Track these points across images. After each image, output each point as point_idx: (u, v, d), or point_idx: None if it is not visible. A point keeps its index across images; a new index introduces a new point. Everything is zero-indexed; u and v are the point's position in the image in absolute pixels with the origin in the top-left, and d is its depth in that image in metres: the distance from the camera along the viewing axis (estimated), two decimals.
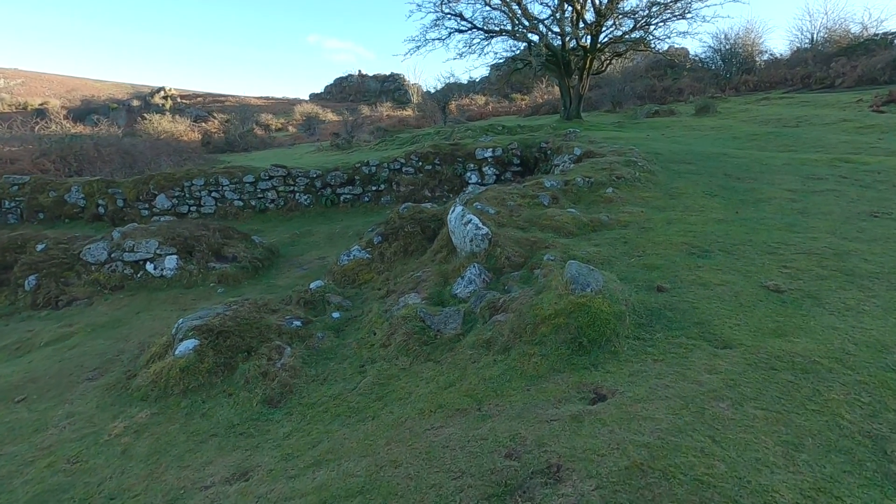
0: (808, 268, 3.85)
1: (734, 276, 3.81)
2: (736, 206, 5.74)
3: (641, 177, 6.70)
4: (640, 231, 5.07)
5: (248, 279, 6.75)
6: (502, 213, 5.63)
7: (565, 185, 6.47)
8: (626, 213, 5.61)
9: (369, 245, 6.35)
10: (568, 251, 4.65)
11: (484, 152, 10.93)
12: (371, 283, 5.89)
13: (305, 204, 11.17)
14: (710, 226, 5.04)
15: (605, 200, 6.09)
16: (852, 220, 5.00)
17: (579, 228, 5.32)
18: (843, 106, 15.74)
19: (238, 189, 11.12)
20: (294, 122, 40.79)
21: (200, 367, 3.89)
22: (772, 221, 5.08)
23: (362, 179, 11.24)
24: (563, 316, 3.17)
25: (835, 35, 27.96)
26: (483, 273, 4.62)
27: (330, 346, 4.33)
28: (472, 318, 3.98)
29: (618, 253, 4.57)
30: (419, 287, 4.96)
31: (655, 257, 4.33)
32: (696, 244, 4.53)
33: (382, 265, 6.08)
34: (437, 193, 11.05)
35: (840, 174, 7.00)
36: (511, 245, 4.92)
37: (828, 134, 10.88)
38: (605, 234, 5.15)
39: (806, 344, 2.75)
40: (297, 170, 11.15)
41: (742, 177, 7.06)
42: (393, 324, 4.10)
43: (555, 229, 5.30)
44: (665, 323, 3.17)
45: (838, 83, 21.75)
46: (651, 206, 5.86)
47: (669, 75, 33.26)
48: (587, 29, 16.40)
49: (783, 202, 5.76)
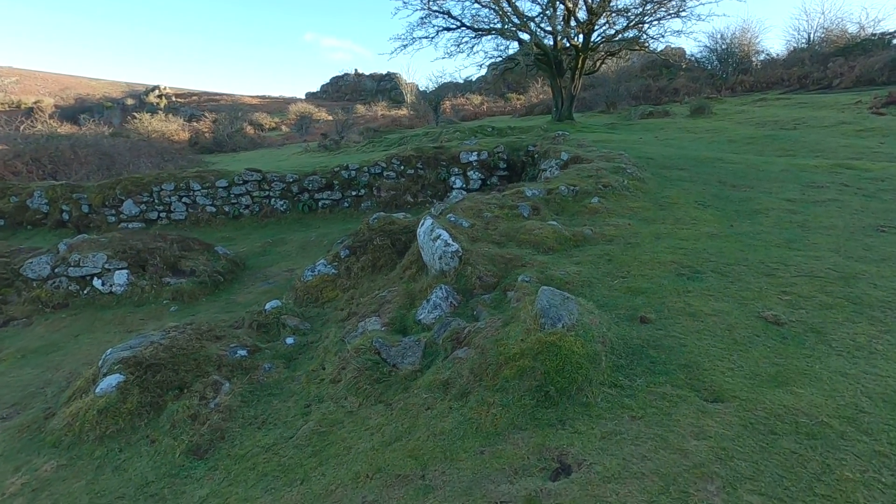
0: (810, 294, 3.44)
1: (728, 303, 3.39)
2: (730, 218, 5.34)
3: (630, 185, 6.29)
4: (625, 247, 4.65)
5: (206, 295, 6.28)
6: (477, 227, 5.20)
7: (548, 194, 6.05)
8: (612, 226, 5.19)
9: (336, 259, 5.91)
10: (546, 271, 4.23)
11: (469, 156, 10.51)
12: (335, 301, 5.45)
13: (281, 210, 10.70)
14: (702, 241, 4.63)
15: (589, 211, 5.67)
16: (857, 236, 4.60)
17: (560, 243, 4.89)
18: (841, 107, 15.43)
19: (210, 194, 10.64)
20: (287, 122, 40.51)
21: (122, 409, 3.44)
22: (769, 237, 4.67)
23: (341, 184, 10.78)
24: (529, 357, 2.74)
25: (832, 35, 27.75)
26: (451, 296, 4.19)
27: (277, 380, 3.88)
28: (433, 351, 3.55)
29: (600, 273, 4.14)
30: (382, 309, 4.52)
31: (641, 279, 3.92)
32: (687, 263, 4.12)
33: (349, 282, 5.64)
34: (419, 199, 10.62)
35: (841, 182, 6.61)
36: (484, 263, 4.50)
37: (827, 137, 10.53)
38: (587, 249, 4.73)
39: (811, 397, 2.34)
40: (272, 174, 10.69)
41: (737, 184, 6.66)
42: (344, 357, 3.66)
43: (534, 244, 4.88)
44: (647, 365, 2.75)
45: (836, 84, 21.49)
46: (639, 217, 5.45)
47: (665, 75, 32.99)
48: (579, 27, 16.01)
49: (781, 214, 5.36)
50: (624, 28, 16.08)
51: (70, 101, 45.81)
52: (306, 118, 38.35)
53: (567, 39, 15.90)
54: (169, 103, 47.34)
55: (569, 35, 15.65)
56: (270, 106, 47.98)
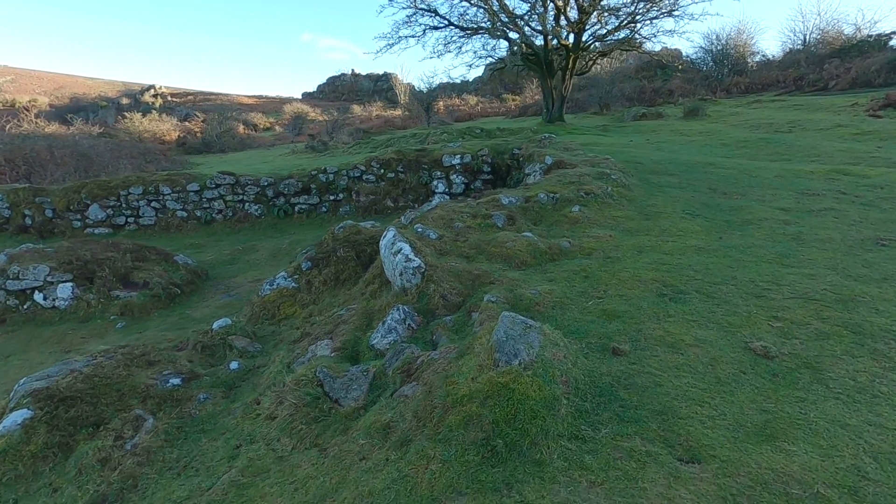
0: (804, 320, 3.08)
1: (712, 331, 3.03)
2: (720, 229, 4.98)
3: (614, 192, 5.93)
4: (604, 262, 4.28)
5: (158, 309, 5.87)
6: (446, 238, 4.83)
7: (526, 202, 5.68)
8: (592, 238, 4.83)
9: (297, 271, 5.51)
10: (515, 289, 3.86)
11: (451, 159, 10.14)
12: (293, 319, 5.06)
13: (256, 215, 10.29)
14: (687, 256, 4.27)
15: (569, 221, 5.31)
16: (856, 250, 4.25)
17: (535, 257, 4.52)
18: (837, 110, 15.18)
19: (181, 198, 10.22)
20: (282, 122, 40.32)
21: (24, 451, 3.03)
22: (761, 251, 4.32)
23: (319, 188, 10.39)
24: (477, 402, 2.36)
25: (828, 36, 27.61)
26: (410, 317, 3.80)
27: (211, 413, 3.49)
28: (381, 384, 3.17)
29: (574, 292, 3.77)
30: (337, 331, 4.14)
31: (618, 300, 3.55)
32: (670, 282, 3.76)
33: (309, 297, 5.25)
34: (400, 203, 10.24)
35: (838, 189, 6.28)
36: (449, 280, 4.12)
37: (823, 141, 10.22)
38: (564, 264, 4.36)
39: (805, 457, 1.97)
40: (246, 177, 10.28)
41: (729, 192, 6.32)
42: (283, 390, 3.26)
43: (505, 258, 4.51)
44: (616, 410, 2.37)
45: (832, 85, 21.29)
46: (622, 228, 5.09)
47: (660, 76, 32.78)
48: (570, 27, 15.68)
49: (775, 225, 5.01)
50: (615, 28, 15.77)
51: (64, 101, 45.87)
52: (300, 118, 38.04)
53: (557, 39, 15.57)
54: (164, 103, 47.47)
55: (559, 34, 15.32)
56: (266, 106, 48.07)
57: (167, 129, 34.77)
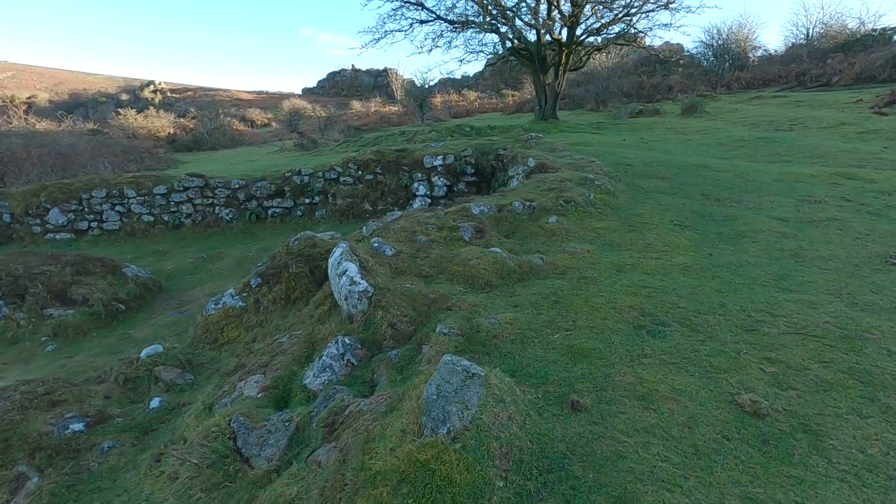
0: (803, 363, 2.62)
1: (693, 377, 2.56)
2: (711, 243, 4.51)
3: (597, 200, 5.45)
4: (578, 283, 3.81)
5: (98, 329, 5.40)
6: (404, 255, 4.35)
7: (499, 211, 5.20)
8: (568, 254, 4.36)
9: (246, 288, 5.04)
10: (473, 317, 3.40)
11: (433, 160, 9.65)
12: (236, 343, 4.59)
13: (227, 219, 9.81)
14: (672, 277, 3.80)
15: (545, 233, 4.83)
16: (863, 270, 3.77)
17: (501, 277, 4.05)
18: (841, 106, 14.68)
19: (148, 202, 9.73)
20: (279, 118, 40.14)
21: None
22: (755, 271, 3.84)
23: (293, 190, 9.90)
24: (390, 485, 1.90)
25: (831, 30, 27.12)
26: (350, 351, 3.33)
27: (113, 467, 3.02)
28: (303, 438, 2.71)
29: (540, 322, 3.31)
30: (273, 363, 3.67)
31: (588, 333, 3.08)
32: (649, 310, 3.29)
33: (256, 318, 4.78)
34: (379, 207, 9.76)
35: (842, 195, 5.81)
36: (401, 306, 3.65)
37: (825, 140, 9.73)
38: (533, 286, 3.89)
39: None
40: (216, 179, 9.79)
41: (723, 198, 5.84)
42: (188, 445, 2.80)
43: (469, 279, 4.04)
44: (565, 495, 1.91)
45: (835, 81, 20.78)
46: (602, 241, 4.61)
47: (659, 72, 32.24)
48: (563, 20, 15.15)
49: (771, 238, 4.54)
50: (610, 21, 15.24)
51: (64, 97, 46.09)
52: (298, 114, 37.62)
53: (549, 33, 15.04)
54: (164, 99, 47.86)
55: (551, 28, 14.79)
56: (266, 102, 48.29)
57: (161, 126, 34.69)
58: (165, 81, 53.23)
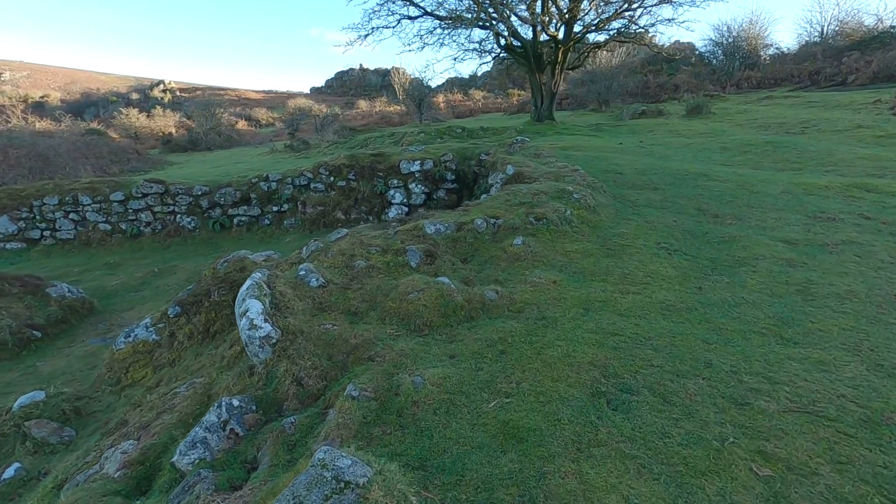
0: (809, 463, 1.94)
1: (657, 485, 1.90)
2: (702, 272, 3.81)
3: (575, 216, 4.77)
4: (535, 327, 3.15)
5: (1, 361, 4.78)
6: (333, 286, 3.70)
7: (458, 229, 4.54)
8: (530, 286, 3.68)
9: (163, 319, 4.40)
10: (396, 373, 2.76)
11: (410, 165, 8.99)
12: (140, 386, 3.95)
13: (189, 228, 9.21)
14: (649, 320, 3.12)
15: (508, 258, 4.16)
16: (888, 315, 3.07)
17: (445, 315, 3.39)
18: (857, 108, 13.87)
19: (104, 209, 9.16)
20: (284, 118, 40.24)
21: None
22: (753, 313, 3.15)
23: (260, 198, 9.29)
24: None
25: (847, 28, 26.21)
26: (237, 418, 2.69)
27: None
28: None
29: (476, 382, 2.65)
30: (153, 425, 3.03)
31: (531, 403, 2.43)
32: (614, 370, 2.62)
33: (169, 354, 4.14)
34: (352, 216, 9.12)
35: (860, 211, 5.09)
36: (314, 355, 3.01)
37: (840, 145, 8.98)
38: (480, 328, 3.23)
39: None
40: (177, 186, 9.19)
41: (721, 214, 5.14)
42: None
43: (404, 318, 3.38)
44: None
45: (851, 80, 19.93)
46: (573, 269, 3.93)
47: (665, 71, 31.43)
48: (560, 16, 14.45)
49: (775, 267, 3.84)
50: (610, 17, 14.50)
51: (75, 96, 47.26)
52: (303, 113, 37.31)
53: (544, 28, 14.34)
54: (173, 98, 48.74)
55: (545, 23, 14.08)
56: (274, 101, 49.12)
57: (164, 126, 34.88)
58: (176, 81, 54.40)
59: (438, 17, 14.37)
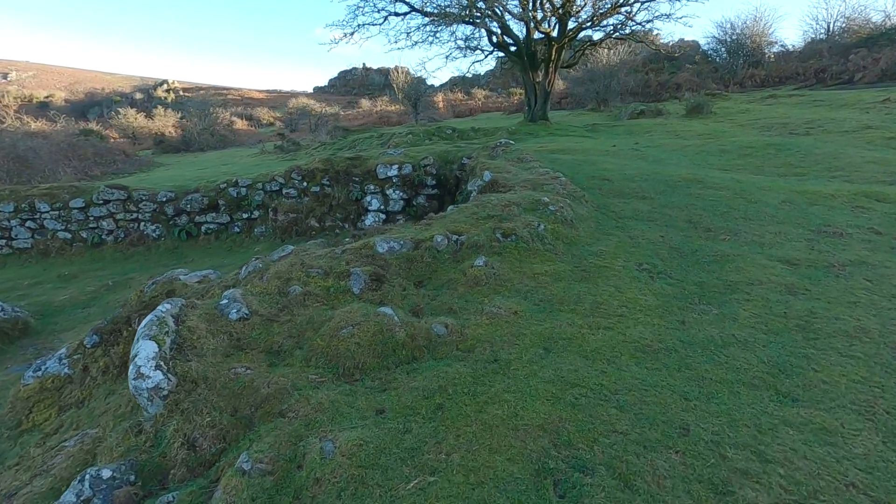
0: None
1: None
2: (687, 301, 3.31)
3: (549, 231, 4.27)
4: (483, 373, 2.66)
5: None
6: (257, 318, 3.21)
7: (415, 248, 4.05)
8: (487, 318, 3.19)
9: (80, 349, 3.92)
10: (304, 436, 2.32)
11: (388, 170, 8.51)
12: (40, 430, 3.47)
13: (154, 236, 8.75)
14: (618, 366, 2.62)
15: (467, 282, 3.67)
16: None
17: (381, 356, 2.91)
18: (865, 107, 13.33)
19: (63, 217, 8.70)
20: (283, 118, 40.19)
21: None
22: (743, 357, 2.66)
23: (229, 204, 8.81)
24: None
25: (854, 24, 25.67)
26: (103, 496, 2.21)
27: None
28: None
29: (399, 451, 2.18)
30: (21, 494, 2.54)
31: (458, 486, 1.97)
32: (567, 436, 2.15)
33: (80, 392, 3.66)
34: (326, 223, 8.64)
35: (870, 225, 4.58)
36: (214, 409, 2.54)
37: (847, 147, 8.46)
38: (420, 373, 2.75)
39: None
40: (140, 192, 8.73)
41: (715, 227, 4.64)
42: None
43: (332, 359, 2.90)
44: None
45: (858, 78, 19.39)
46: (539, 297, 3.44)
47: (667, 69, 30.89)
48: (554, 12, 13.94)
49: (773, 294, 3.34)
50: (606, 12, 13.98)
51: (79, 96, 47.92)
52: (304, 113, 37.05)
53: (536, 25, 13.83)
54: (176, 98, 49.08)
55: (536, 20, 13.58)
56: (276, 100, 49.63)
57: (162, 126, 35.05)
58: (180, 81, 54.53)
59: (426, 13, 13.88)
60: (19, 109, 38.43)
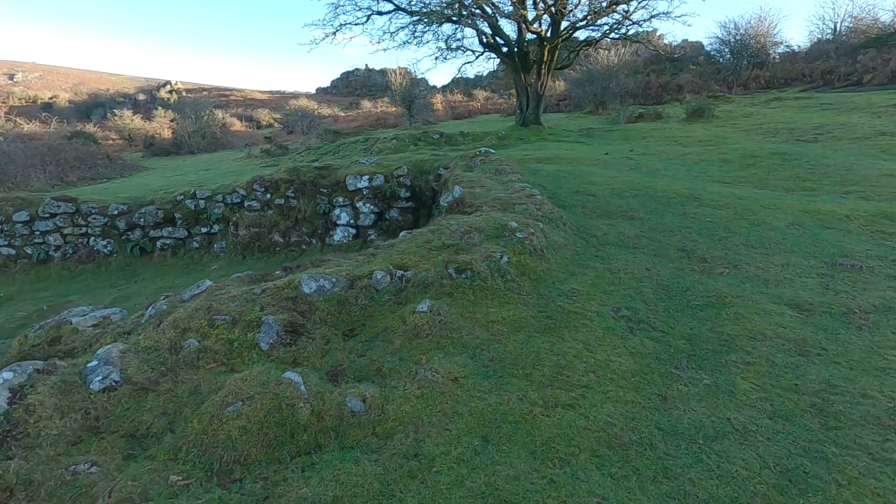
0: None
1: None
2: (671, 366, 2.67)
3: (513, 265, 3.63)
4: (394, 478, 2.04)
5: None
6: (127, 388, 2.59)
7: (350, 286, 3.41)
8: (418, 386, 2.55)
9: None
10: None
11: (358, 181, 7.88)
12: None
13: (105, 252, 8.13)
14: (572, 474, 1.99)
15: (406, 332, 3.03)
16: None
17: (273, 447, 2.28)
18: (876, 110, 12.67)
19: (6, 231, 8.09)
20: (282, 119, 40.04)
21: None
22: (742, 461, 2.02)
23: (186, 218, 8.19)
24: None
25: (862, 24, 25.01)
26: None
27: None
28: None
29: None
30: None
31: None
32: None
33: None
34: (292, 239, 8.01)
35: (895, 257, 3.92)
36: None
37: (861, 157, 7.80)
38: (316, 474, 2.12)
39: None
40: (89, 205, 8.12)
41: (711, 257, 4.00)
42: None
43: (207, 449, 2.27)
44: None
45: (867, 80, 18.74)
46: (489, 356, 2.79)
47: (669, 70, 30.26)
48: (546, 9, 13.32)
49: (779, 357, 2.69)
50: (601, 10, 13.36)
51: (83, 97, 48.45)
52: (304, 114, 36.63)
53: (526, 24, 13.21)
54: (179, 99, 49.28)
55: (527, 19, 12.96)
56: (278, 101, 49.95)
57: (159, 128, 35.06)
58: (184, 81, 54.64)
59: (410, 12, 13.27)
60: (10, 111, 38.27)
